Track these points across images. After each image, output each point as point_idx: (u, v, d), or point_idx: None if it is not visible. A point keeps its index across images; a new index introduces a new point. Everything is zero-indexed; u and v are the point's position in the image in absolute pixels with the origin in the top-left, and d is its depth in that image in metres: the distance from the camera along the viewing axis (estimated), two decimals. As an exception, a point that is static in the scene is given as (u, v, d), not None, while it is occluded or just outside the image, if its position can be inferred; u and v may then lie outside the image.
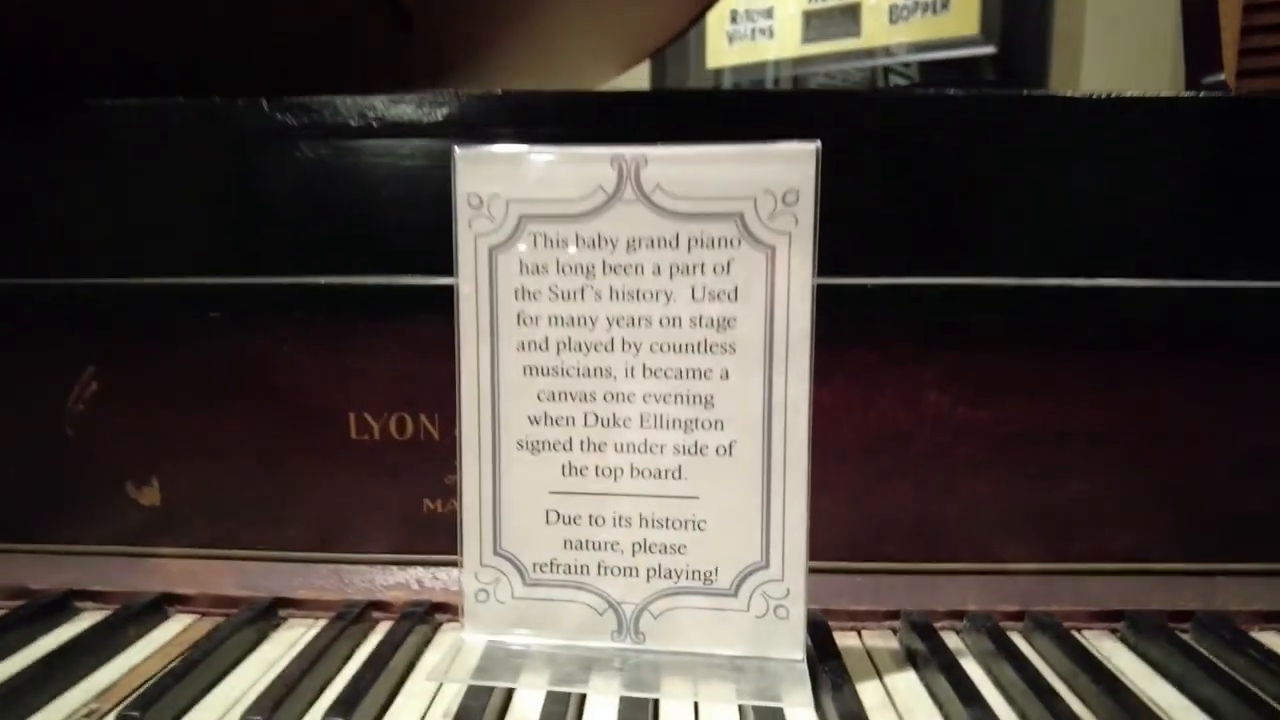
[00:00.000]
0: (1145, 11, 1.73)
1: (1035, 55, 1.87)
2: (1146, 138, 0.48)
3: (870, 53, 2.05)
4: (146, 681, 0.42)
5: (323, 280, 0.49)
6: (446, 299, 0.41)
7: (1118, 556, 0.50)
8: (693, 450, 0.41)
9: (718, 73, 2.20)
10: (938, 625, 0.47)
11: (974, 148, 0.48)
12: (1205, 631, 0.47)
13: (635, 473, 0.41)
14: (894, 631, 0.48)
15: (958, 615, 0.48)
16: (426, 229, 0.46)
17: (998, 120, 0.47)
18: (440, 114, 0.46)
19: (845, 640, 0.46)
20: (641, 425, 0.41)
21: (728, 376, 0.40)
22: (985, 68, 1.95)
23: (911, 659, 0.45)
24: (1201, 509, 0.50)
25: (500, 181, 0.40)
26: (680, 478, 0.41)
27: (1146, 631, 0.46)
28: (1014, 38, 1.91)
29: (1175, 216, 0.49)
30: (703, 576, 0.42)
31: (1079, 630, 0.48)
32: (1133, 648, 0.47)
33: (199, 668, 0.42)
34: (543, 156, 0.40)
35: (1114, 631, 0.48)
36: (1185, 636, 0.46)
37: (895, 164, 0.48)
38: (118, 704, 0.40)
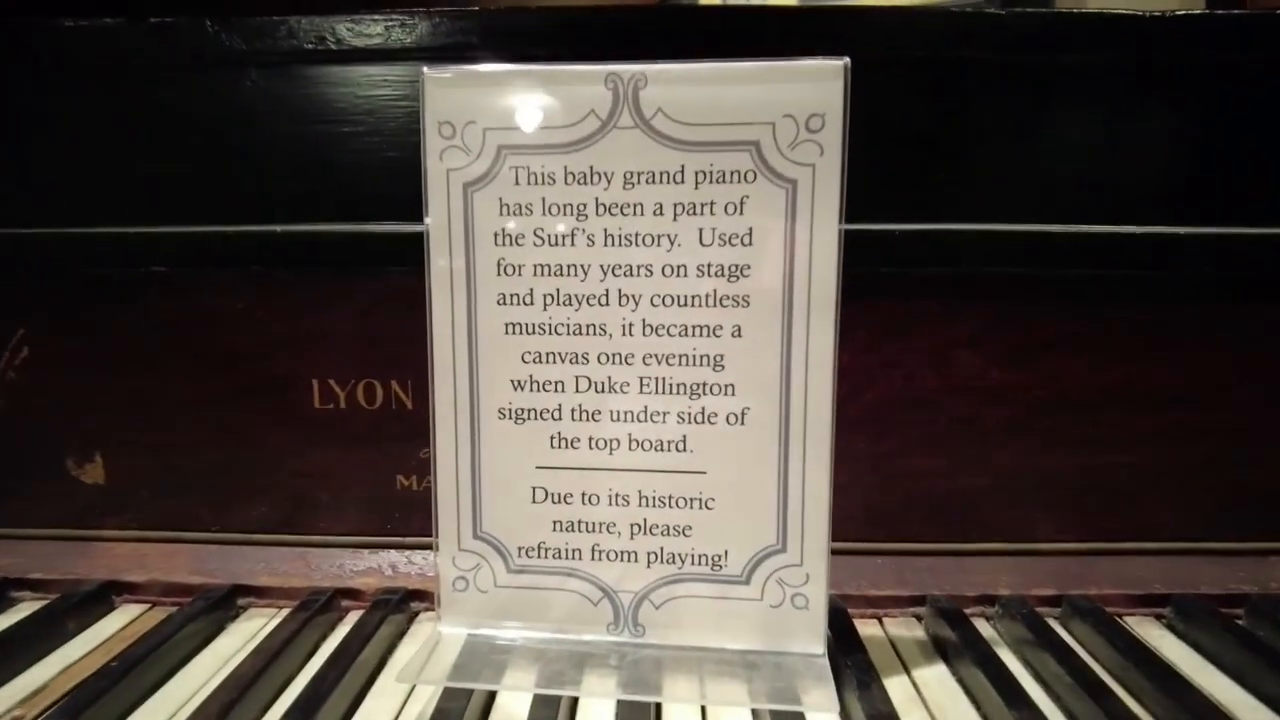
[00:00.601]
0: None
1: (1039, 15, 1.82)
2: (1203, 63, 0.43)
3: (869, 13, 1.99)
4: (83, 682, 0.37)
5: (279, 228, 0.44)
6: (420, 248, 0.36)
7: (1162, 535, 0.46)
8: (699, 418, 0.36)
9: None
10: (968, 611, 0.43)
11: (1014, 73, 0.43)
12: (1262, 618, 0.43)
13: (634, 444, 0.37)
14: (919, 619, 0.44)
15: (989, 600, 0.44)
16: (397, 169, 0.42)
17: (1040, 40, 0.42)
18: (410, 36, 0.41)
19: (865, 629, 0.42)
20: (641, 390, 0.37)
21: (740, 334, 0.36)
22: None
23: (941, 650, 0.41)
24: (1255, 482, 0.46)
25: (476, 107, 0.35)
26: (685, 450, 0.37)
27: (1197, 618, 0.42)
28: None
29: (1235, 158, 0.44)
30: (710, 561, 0.37)
31: (1120, 616, 0.44)
32: (1182, 636, 0.43)
33: (141, 666, 0.38)
34: (525, 77, 0.35)
35: (1159, 618, 0.44)
36: (1240, 623, 0.43)
37: (928, 91, 0.43)
38: (47, 709, 0.36)
